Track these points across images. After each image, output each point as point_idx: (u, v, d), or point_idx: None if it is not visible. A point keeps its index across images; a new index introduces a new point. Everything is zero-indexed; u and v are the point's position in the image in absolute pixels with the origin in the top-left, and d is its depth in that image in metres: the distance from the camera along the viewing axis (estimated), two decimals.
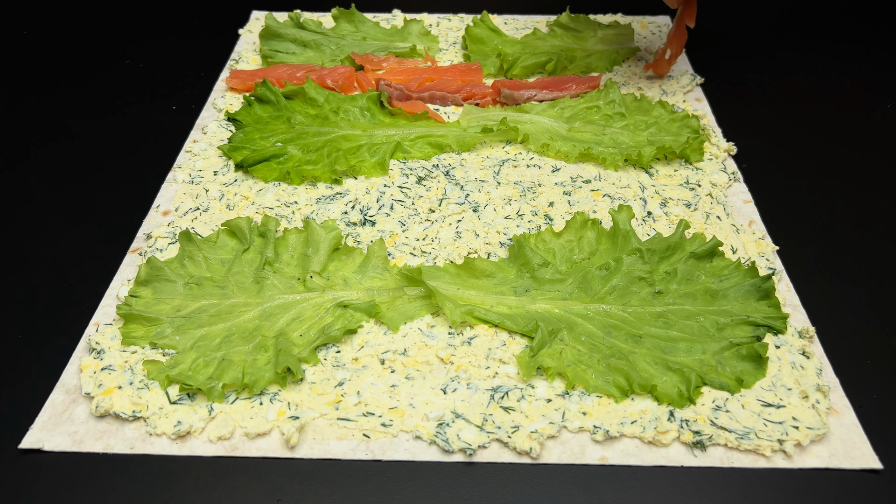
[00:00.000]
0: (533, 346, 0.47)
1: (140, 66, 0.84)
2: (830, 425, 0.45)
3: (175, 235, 0.58)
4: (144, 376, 0.47)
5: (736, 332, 0.49)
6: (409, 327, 0.51)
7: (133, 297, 0.51)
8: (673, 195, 0.63)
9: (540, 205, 0.61)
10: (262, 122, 0.70)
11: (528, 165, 0.66)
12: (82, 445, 0.44)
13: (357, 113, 0.71)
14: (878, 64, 0.84)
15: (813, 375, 0.47)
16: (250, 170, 0.64)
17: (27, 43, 0.88)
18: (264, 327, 0.49)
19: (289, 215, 0.60)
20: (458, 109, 0.74)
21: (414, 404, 0.46)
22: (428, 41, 0.84)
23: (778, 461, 0.43)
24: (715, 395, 0.46)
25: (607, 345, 0.48)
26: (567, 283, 0.52)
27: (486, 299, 0.52)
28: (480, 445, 0.44)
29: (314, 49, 0.82)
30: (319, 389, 0.47)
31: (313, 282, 0.53)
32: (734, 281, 0.52)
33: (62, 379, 0.48)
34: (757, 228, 0.60)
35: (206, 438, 0.44)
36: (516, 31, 0.88)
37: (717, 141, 0.69)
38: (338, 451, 0.44)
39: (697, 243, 0.54)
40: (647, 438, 0.44)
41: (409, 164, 0.66)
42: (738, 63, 0.84)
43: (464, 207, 0.61)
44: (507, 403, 0.46)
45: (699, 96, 0.77)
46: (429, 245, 0.57)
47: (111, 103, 0.77)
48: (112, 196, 0.64)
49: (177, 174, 0.65)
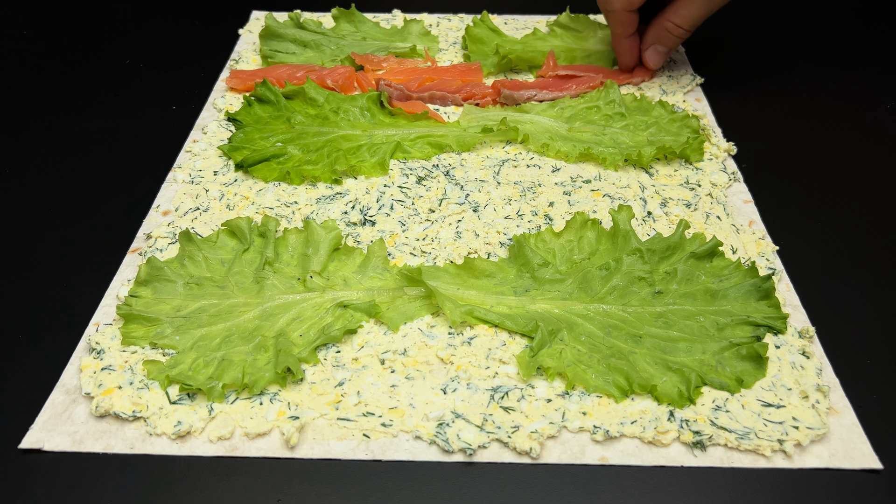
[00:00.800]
0: (533, 346, 0.47)
1: (140, 66, 0.84)
2: (830, 425, 0.45)
3: (175, 235, 0.58)
4: (144, 376, 0.47)
5: (736, 332, 0.49)
6: (409, 327, 0.51)
7: (133, 297, 0.51)
8: (673, 195, 0.63)
9: (540, 205, 0.61)
10: (262, 122, 0.70)
11: (528, 165, 0.66)
12: (82, 445, 0.44)
13: (357, 113, 0.71)
14: (878, 64, 0.84)
15: (813, 375, 0.47)
16: (250, 170, 0.64)
17: (27, 43, 0.88)
18: (264, 327, 0.49)
19: (289, 215, 0.60)
20: (458, 109, 0.74)
21: (414, 404, 0.46)
22: (428, 41, 0.84)
23: (778, 461, 0.43)
24: (715, 395, 0.46)
25: (607, 345, 0.48)
26: (567, 283, 0.52)
27: (486, 299, 0.52)
28: (480, 445, 0.44)
29: (314, 49, 0.82)
30: (319, 389, 0.47)
31: (313, 282, 0.52)
32: (734, 281, 0.52)
33: (62, 379, 0.48)
34: (757, 228, 0.60)
35: (206, 438, 0.44)
36: (516, 31, 0.88)
37: (717, 141, 0.69)
38: (338, 451, 0.44)
39: (697, 243, 0.54)
40: (647, 438, 0.44)
41: (409, 164, 0.66)
42: (738, 63, 0.84)
43: (464, 207, 0.61)
44: (507, 403, 0.46)
45: (699, 96, 0.77)
46: (429, 245, 0.57)
47: (111, 103, 0.77)
48: (112, 196, 0.64)
49: (177, 174, 0.65)
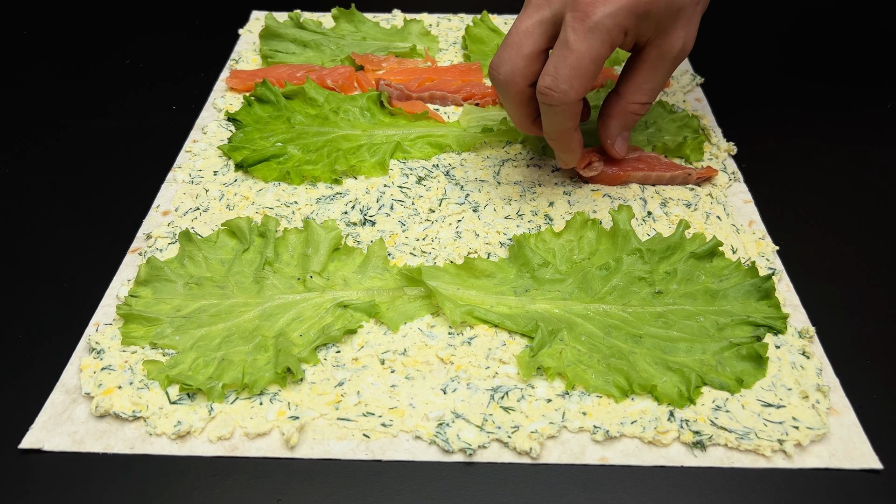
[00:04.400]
0: (533, 346, 0.47)
1: (140, 66, 0.84)
2: (830, 425, 0.45)
3: (175, 235, 0.58)
4: (144, 376, 0.47)
5: (736, 332, 0.49)
6: (409, 327, 0.51)
7: (133, 297, 0.51)
8: (673, 195, 0.63)
9: (540, 205, 0.61)
10: (262, 122, 0.70)
11: (528, 165, 0.66)
12: (82, 445, 0.44)
13: (357, 113, 0.71)
14: (878, 63, 0.84)
15: (813, 375, 0.47)
16: (250, 170, 0.64)
17: (27, 43, 0.88)
18: (264, 327, 0.49)
19: (289, 215, 0.60)
20: (458, 109, 0.74)
21: (414, 404, 0.46)
22: (428, 41, 0.84)
23: (778, 461, 0.43)
24: (715, 395, 0.46)
25: (607, 345, 0.48)
26: (567, 283, 0.52)
27: (486, 299, 0.52)
28: (480, 445, 0.44)
29: (314, 49, 0.82)
30: (319, 389, 0.47)
31: (313, 282, 0.52)
32: (734, 281, 0.52)
33: (62, 379, 0.48)
34: (757, 228, 0.60)
35: (206, 438, 0.44)
36: None
37: (717, 141, 0.69)
38: (338, 451, 0.44)
39: (697, 243, 0.54)
40: (647, 438, 0.44)
41: (409, 164, 0.66)
42: (738, 63, 0.84)
43: (464, 207, 0.61)
44: (507, 403, 0.46)
45: (699, 96, 0.77)
46: (429, 245, 0.57)
47: (111, 103, 0.77)
48: (112, 196, 0.64)
49: (177, 174, 0.65)
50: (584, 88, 0.52)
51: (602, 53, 0.51)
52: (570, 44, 0.50)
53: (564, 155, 0.59)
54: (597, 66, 0.51)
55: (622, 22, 0.50)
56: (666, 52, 0.54)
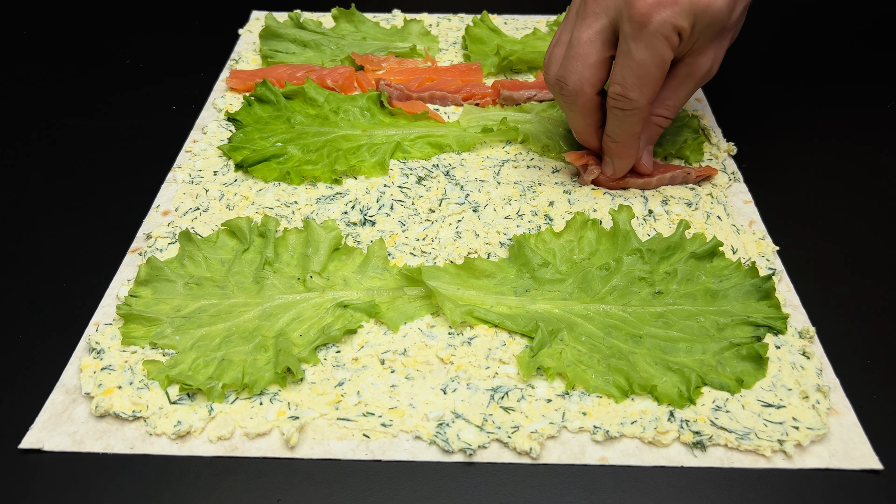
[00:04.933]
0: (533, 347, 0.47)
1: (140, 66, 0.84)
2: (830, 425, 0.45)
3: (175, 235, 0.58)
4: (144, 376, 0.47)
5: (736, 333, 0.49)
6: (409, 327, 0.51)
7: (133, 297, 0.51)
8: (673, 195, 0.63)
9: (540, 205, 0.61)
10: (262, 122, 0.70)
11: (528, 166, 0.66)
12: (82, 445, 0.44)
13: (357, 113, 0.71)
14: (878, 63, 0.84)
15: (813, 376, 0.47)
16: (250, 170, 0.64)
17: (27, 43, 0.88)
18: (264, 327, 0.49)
19: (289, 215, 0.60)
20: (458, 109, 0.74)
21: (414, 404, 0.46)
22: (428, 41, 0.84)
23: (778, 461, 0.43)
24: (715, 395, 0.46)
25: (607, 345, 0.48)
26: (567, 284, 0.52)
27: (486, 299, 0.52)
28: (480, 445, 0.44)
29: (314, 49, 0.82)
30: (319, 389, 0.47)
31: (313, 282, 0.52)
32: (734, 281, 0.52)
33: (62, 379, 0.48)
34: (757, 228, 0.60)
35: (206, 438, 0.44)
36: (516, 31, 0.88)
37: (717, 141, 0.69)
38: (338, 451, 0.44)
39: (698, 243, 0.54)
40: (647, 438, 0.44)
41: (409, 164, 0.66)
42: (738, 63, 0.84)
43: (464, 207, 0.61)
44: (507, 403, 0.46)
45: (699, 96, 0.77)
46: (429, 245, 0.57)
47: (111, 103, 0.77)
48: (112, 196, 0.64)
49: (177, 174, 0.65)
50: (653, 93, 0.55)
51: (665, 57, 0.53)
52: (633, 54, 0.53)
53: (621, 161, 0.61)
54: (662, 70, 0.54)
55: (678, 24, 0.52)
56: (695, 71, 0.57)
